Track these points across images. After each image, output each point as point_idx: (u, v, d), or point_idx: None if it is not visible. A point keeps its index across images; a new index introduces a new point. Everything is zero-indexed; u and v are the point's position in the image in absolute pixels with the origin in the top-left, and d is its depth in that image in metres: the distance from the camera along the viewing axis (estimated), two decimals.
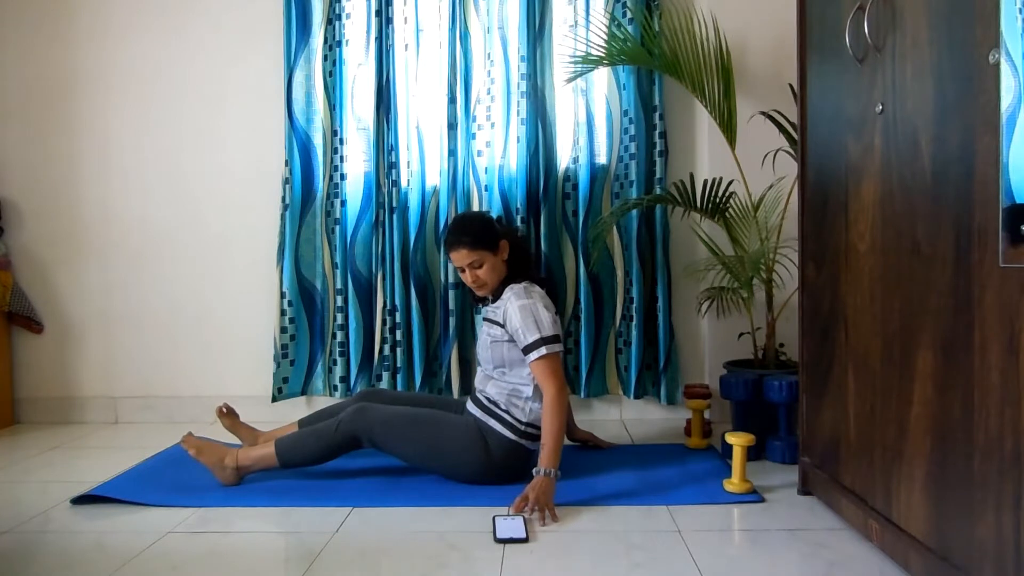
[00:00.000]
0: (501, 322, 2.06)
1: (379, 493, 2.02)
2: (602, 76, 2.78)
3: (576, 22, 2.75)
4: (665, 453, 2.37)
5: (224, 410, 2.34)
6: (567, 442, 2.34)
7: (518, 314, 2.00)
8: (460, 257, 2.08)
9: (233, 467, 2.07)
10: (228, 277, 2.97)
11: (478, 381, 2.18)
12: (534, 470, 1.90)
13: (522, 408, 2.05)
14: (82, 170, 3.00)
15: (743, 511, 1.87)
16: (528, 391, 2.05)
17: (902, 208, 1.43)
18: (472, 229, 2.08)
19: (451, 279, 2.75)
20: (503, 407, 2.06)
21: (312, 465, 2.09)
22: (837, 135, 1.72)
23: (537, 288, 2.09)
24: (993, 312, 1.14)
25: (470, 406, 2.14)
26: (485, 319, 2.14)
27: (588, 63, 2.53)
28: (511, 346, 2.06)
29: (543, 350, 1.96)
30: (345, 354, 2.85)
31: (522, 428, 2.04)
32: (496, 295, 2.13)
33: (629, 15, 2.68)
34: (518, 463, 2.04)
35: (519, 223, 2.72)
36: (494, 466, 2.03)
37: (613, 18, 2.68)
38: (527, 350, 1.99)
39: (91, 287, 3.01)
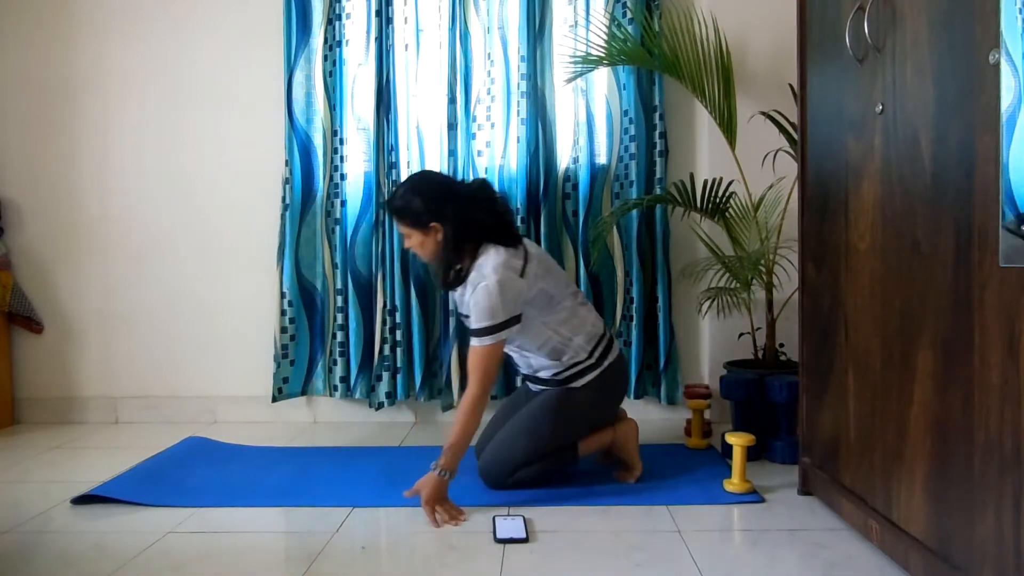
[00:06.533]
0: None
1: (379, 493, 2.02)
2: (602, 76, 2.78)
3: (576, 22, 2.75)
4: (665, 453, 2.37)
5: None
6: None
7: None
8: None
9: None
10: (228, 277, 2.97)
11: (524, 368, 2.15)
12: (432, 464, 1.87)
13: (573, 349, 2.02)
14: (82, 170, 3.00)
15: (743, 511, 1.87)
16: (560, 336, 2.01)
17: (902, 208, 1.43)
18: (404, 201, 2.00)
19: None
20: (563, 365, 2.03)
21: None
22: (837, 135, 1.72)
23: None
24: (993, 312, 1.14)
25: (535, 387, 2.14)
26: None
27: (588, 63, 2.53)
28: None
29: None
30: (345, 354, 2.85)
31: (594, 361, 2.03)
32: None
33: (629, 15, 2.68)
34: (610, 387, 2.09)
35: (519, 223, 2.72)
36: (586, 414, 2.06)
37: (613, 18, 2.68)
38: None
39: (91, 287, 3.01)
